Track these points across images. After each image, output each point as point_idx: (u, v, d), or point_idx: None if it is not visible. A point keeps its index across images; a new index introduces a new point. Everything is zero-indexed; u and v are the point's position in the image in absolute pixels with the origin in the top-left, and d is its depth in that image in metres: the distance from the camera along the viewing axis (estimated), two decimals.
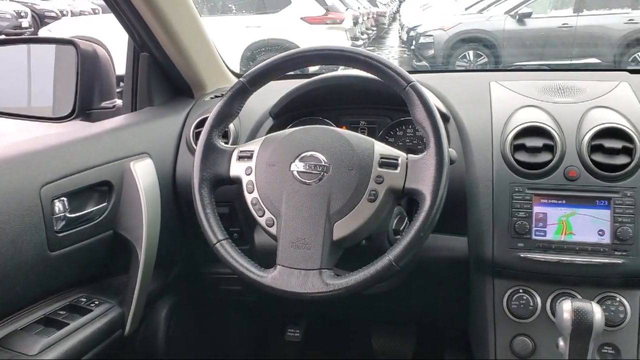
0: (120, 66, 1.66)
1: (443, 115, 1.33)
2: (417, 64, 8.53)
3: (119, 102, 1.67)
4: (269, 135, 1.18)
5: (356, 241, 1.10)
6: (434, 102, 1.18)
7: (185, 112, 1.59)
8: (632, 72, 1.50)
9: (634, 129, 1.23)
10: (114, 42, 1.70)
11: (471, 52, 8.06)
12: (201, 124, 1.45)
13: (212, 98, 1.64)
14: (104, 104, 1.64)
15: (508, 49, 7.95)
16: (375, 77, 1.12)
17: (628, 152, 1.21)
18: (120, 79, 1.69)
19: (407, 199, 1.32)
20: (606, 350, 1.21)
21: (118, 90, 1.70)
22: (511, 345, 1.25)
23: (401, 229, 1.26)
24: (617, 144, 1.21)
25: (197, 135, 1.46)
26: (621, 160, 1.21)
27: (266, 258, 1.13)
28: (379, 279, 1.03)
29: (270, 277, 1.06)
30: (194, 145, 1.48)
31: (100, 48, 1.60)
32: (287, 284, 1.04)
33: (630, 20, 7.61)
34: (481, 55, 8.00)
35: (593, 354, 1.14)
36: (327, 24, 7.74)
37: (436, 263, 1.38)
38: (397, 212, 1.26)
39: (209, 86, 1.70)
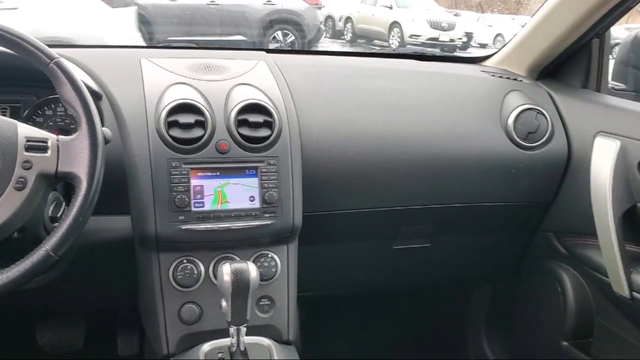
0: None
1: (94, 93, 1.29)
2: None
3: None
4: None
5: (6, 234, 1.01)
6: (83, 79, 1.14)
7: None
8: (269, 51, 1.67)
9: (272, 104, 1.38)
10: None
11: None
12: None
13: None
14: None
15: (159, 25, 7.97)
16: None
17: (269, 125, 1.35)
18: None
19: (64, 183, 1.26)
20: (263, 302, 1.36)
21: None
22: (179, 314, 1.31)
23: (59, 215, 1.20)
24: (259, 118, 1.34)
25: None
26: (263, 132, 1.34)
27: None
28: (36, 272, 0.97)
29: None
30: None
31: None
32: None
33: (268, 1, 8.37)
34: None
35: (252, 308, 1.28)
36: None
37: (100, 246, 1.35)
38: (53, 197, 1.19)
39: None
